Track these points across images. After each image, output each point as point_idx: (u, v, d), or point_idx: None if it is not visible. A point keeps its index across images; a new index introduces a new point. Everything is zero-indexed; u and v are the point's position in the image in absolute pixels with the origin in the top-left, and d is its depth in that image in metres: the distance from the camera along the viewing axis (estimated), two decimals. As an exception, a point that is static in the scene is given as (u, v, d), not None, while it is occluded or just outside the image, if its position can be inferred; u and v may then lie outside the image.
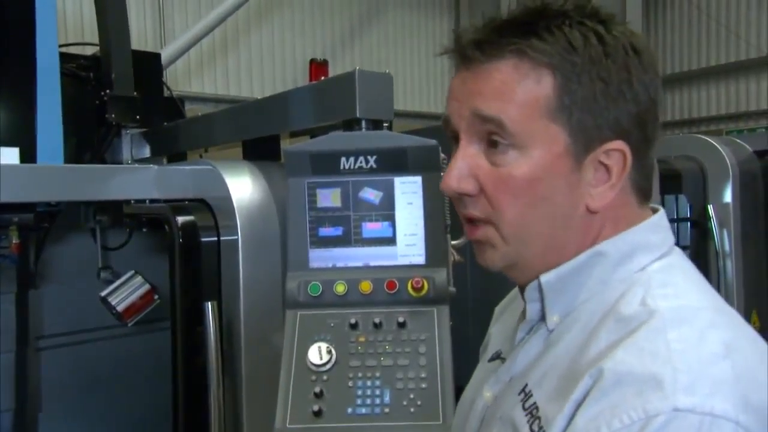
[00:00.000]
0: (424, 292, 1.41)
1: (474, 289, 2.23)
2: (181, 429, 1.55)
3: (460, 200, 0.76)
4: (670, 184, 2.71)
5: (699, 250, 2.90)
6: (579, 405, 0.64)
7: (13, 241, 1.77)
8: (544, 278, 0.75)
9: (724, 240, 2.78)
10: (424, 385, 1.33)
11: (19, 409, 2.10)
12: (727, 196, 2.78)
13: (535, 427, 0.68)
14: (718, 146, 2.85)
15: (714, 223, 2.77)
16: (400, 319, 1.38)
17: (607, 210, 0.73)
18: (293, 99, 1.60)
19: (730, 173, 2.78)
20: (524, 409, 0.71)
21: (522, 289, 0.81)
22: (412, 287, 1.41)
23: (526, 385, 0.73)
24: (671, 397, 0.59)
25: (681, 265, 0.76)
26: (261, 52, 4.25)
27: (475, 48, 0.72)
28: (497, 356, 0.87)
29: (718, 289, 2.26)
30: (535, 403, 0.70)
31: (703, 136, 3.02)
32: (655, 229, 0.76)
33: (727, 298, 0.75)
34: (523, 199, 0.72)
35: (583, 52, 0.69)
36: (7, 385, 2.06)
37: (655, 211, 0.79)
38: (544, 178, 0.71)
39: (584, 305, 0.73)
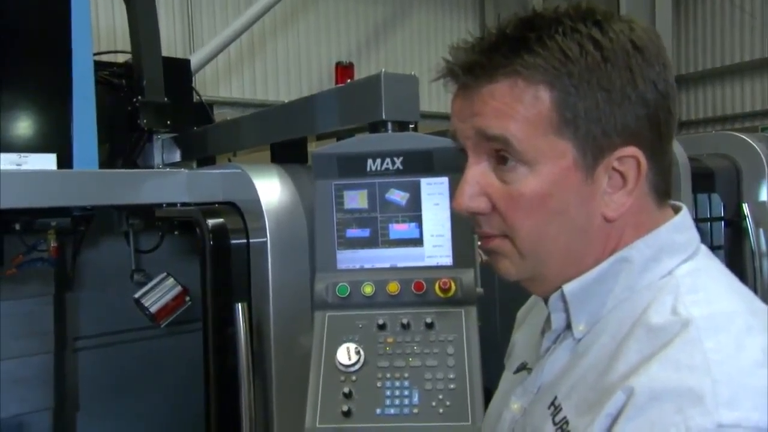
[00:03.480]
0: (451, 293, 1.41)
1: (501, 291, 2.22)
2: (214, 429, 1.56)
3: (474, 218, 0.75)
4: (702, 182, 2.65)
5: (733, 249, 2.84)
6: (613, 420, 0.62)
7: (52, 245, 1.82)
8: (567, 288, 0.73)
9: (760, 239, 2.71)
10: (452, 386, 1.33)
11: (58, 408, 2.15)
12: (763, 195, 2.72)
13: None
14: (753, 143, 2.78)
15: (749, 222, 2.71)
16: (428, 320, 1.39)
17: (625, 216, 0.71)
18: (319, 102, 1.61)
19: (766, 171, 2.71)
20: (554, 423, 0.69)
21: (545, 299, 0.79)
22: (440, 288, 1.41)
23: (556, 397, 0.71)
24: (714, 412, 0.57)
25: (709, 267, 0.74)
26: (287, 56, 4.29)
27: (466, 73, 0.70)
28: (523, 367, 0.85)
29: (754, 290, 2.20)
30: (565, 417, 0.69)
31: (737, 133, 2.96)
32: (680, 229, 0.74)
33: (765, 299, 0.72)
34: (536, 215, 0.70)
35: (579, 62, 0.67)
36: (46, 384, 2.10)
37: (677, 209, 0.76)
38: (555, 194, 0.69)
39: (611, 313, 0.72)
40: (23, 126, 1.69)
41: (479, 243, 0.81)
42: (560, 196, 0.69)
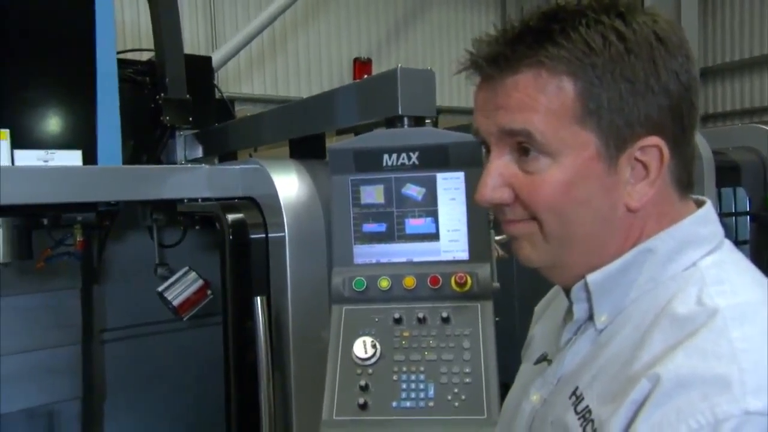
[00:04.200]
0: (467, 287, 1.41)
1: (521, 285, 2.21)
2: (234, 419, 1.58)
3: (499, 209, 0.75)
4: (727, 176, 2.60)
5: (760, 244, 2.78)
6: (638, 407, 0.61)
7: (78, 239, 1.87)
8: (591, 278, 0.72)
9: (787, 234, 2.66)
10: (468, 380, 1.33)
11: (86, 397, 2.20)
12: (790, 188, 2.66)
13: (589, 430, 0.66)
14: (779, 136, 2.72)
15: (775, 217, 2.65)
16: (444, 314, 1.39)
17: (647, 207, 0.70)
18: (336, 98, 1.62)
19: (793, 164, 2.65)
20: (576, 412, 0.69)
21: (566, 289, 0.78)
22: (456, 283, 1.41)
23: (577, 387, 0.71)
24: (741, 399, 0.56)
25: (733, 259, 0.73)
26: (308, 52, 4.31)
27: (490, 64, 0.70)
28: (543, 358, 0.85)
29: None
30: (587, 406, 0.68)
31: (763, 126, 2.89)
32: (704, 222, 0.73)
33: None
34: (559, 204, 0.70)
35: (602, 53, 0.66)
36: (74, 375, 2.16)
37: (700, 203, 0.75)
38: (579, 183, 0.69)
39: (635, 305, 0.71)
40: (49, 123, 1.73)
41: (503, 227, 0.80)
42: (583, 185, 0.69)
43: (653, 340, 0.65)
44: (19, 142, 1.64)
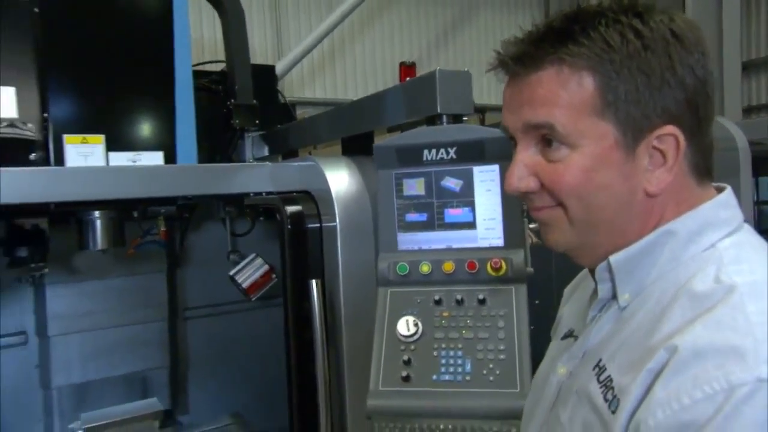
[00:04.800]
0: (502, 271, 1.39)
1: (558, 270, 2.15)
2: (295, 388, 1.61)
3: (526, 197, 0.75)
4: (764, 165, 2.45)
5: (798, 232, 2.60)
6: (656, 375, 0.60)
7: (161, 229, 1.95)
8: (614, 258, 0.71)
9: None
10: (502, 357, 1.31)
11: (173, 366, 2.28)
12: (827, 177, 2.47)
13: (609, 396, 0.65)
14: (818, 127, 2.53)
15: (813, 205, 2.47)
16: (480, 296, 1.38)
17: (666, 192, 0.69)
18: (381, 99, 1.62)
19: (831, 154, 2.45)
20: (599, 382, 0.68)
21: (591, 271, 0.77)
22: (492, 267, 1.39)
23: (600, 360, 0.70)
24: (755, 368, 0.55)
25: (752, 241, 0.70)
26: (364, 58, 4.32)
27: (516, 62, 0.71)
28: (570, 334, 0.84)
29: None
30: (609, 375, 0.68)
31: (802, 117, 2.69)
32: (724, 206, 0.71)
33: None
34: (581, 190, 0.69)
35: (620, 49, 0.66)
36: (162, 347, 2.24)
37: (720, 190, 0.73)
38: (599, 169, 0.68)
39: (656, 283, 0.69)
40: (137, 129, 1.80)
41: (532, 214, 0.79)
42: (603, 172, 0.68)
43: (673, 315, 0.63)
44: (111, 145, 1.72)
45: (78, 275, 2.04)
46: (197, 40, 3.36)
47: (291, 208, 1.60)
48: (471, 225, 1.43)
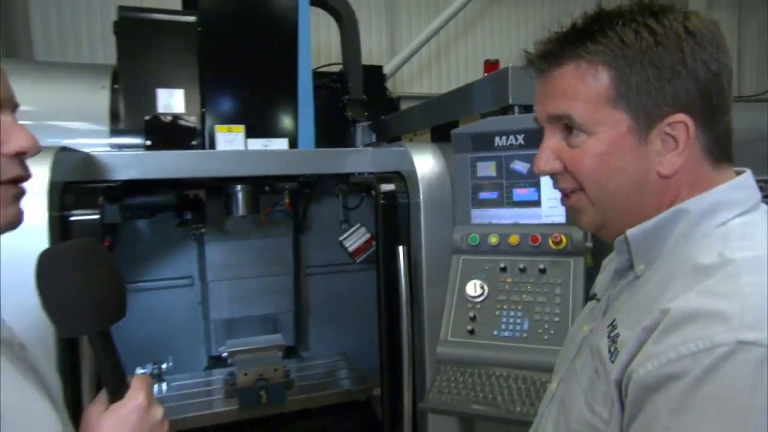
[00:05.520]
0: (562, 245, 1.38)
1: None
2: (384, 338, 1.69)
3: (554, 178, 0.76)
4: None
5: None
6: (650, 332, 0.61)
7: (286, 201, 2.12)
8: (630, 232, 0.71)
9: None
10: (557, 319, 1.32)
11: (297, 311, 2.45)
12: None
13: (612, 349, 0.67)
14: None
15: None
16: (541, 266, 1.39)
17: (679, 174, 0.67)
18: (461, 93, 1.64)
19: None
20: (608, 337, 0.69)
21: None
22: (552, 241, 1.39)
23: (614, 320, 0.71)
24: (737, 330, 0.54)
25: (764, 221, 0.66)
26: (466, 56, 4.25)
27: (541, 60, 0.72)
28: (593, 297, 0.85)
29: None
30: (617, 332, 0.69)
31: None
32: (739, 187, 0.68)
33: None
34: (598, 171, 0.70)
35: (634, 45, 0.65)
36: (289, 296, 2.41)
37: (740, 174, 0.70)
38: (614, 153, 0.68)
39: (668, 256, 0.68)
40: (268, 120, 1.97)
41: (564, 203, 0.81)
42: (617, 156, 0.68)
43: (677, 284, 0.63)
44: (249, 133, 1.89)
45: (227, 235, 2.24)
46: (324, 46, 3.55)
47: (384, 186, 1.68)
48: (536, 203, 1.44)
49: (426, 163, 1.63)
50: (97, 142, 1.92)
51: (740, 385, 0.52)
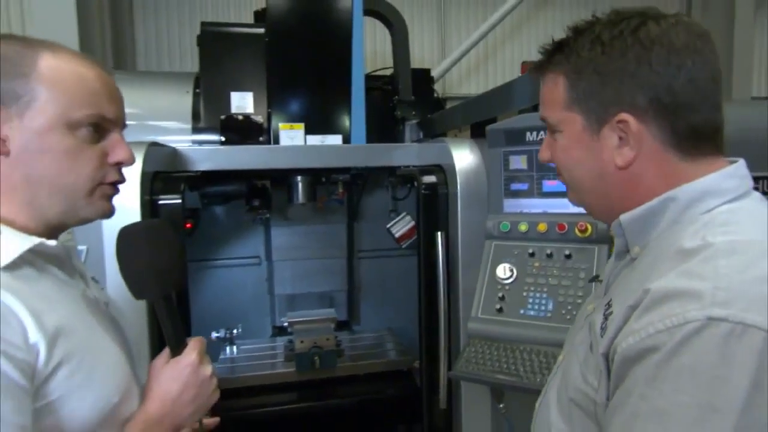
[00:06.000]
0: (588, 233, 1.37)
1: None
2: (424, 315, 1.72)
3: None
4: None
5: None
6: (633, 310, 0.62)
7: (340, 191, 2.16)
8: (623, 217, 0.73)
9: None
10: (579, 301, 1.32)
11: (350, 289, 2.50)
12: None
13: (604, 325, 0.69)
14: None
15: None
16: (567, 252, 1.38)
17: (637, 165, 0.69)
18: (496, 93, 1.65)
19: None
20: (603, 315, 0.71)
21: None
22: (578, 229, 1.39)
23: (611, 299, 0.72)
24: (708, 308, 0.55)
25: (750, 208, 0.65)
26: (513, 59, 4.17)
27: (536, 70, 0.78)
28: (596, 278, 0.88)
29: None
30: (611, 311, 0.70)
31: None
32: (728, 177, 0.67)
33: None
34: (566, 163, 0.76)
35: (584, 56, 0.70)
36: (343, 275, 2.46)
37: (733, 163, 0.69)
38: (574, 148, 0.73)
39: (658, 240, 0.69)
40: (324, 119, 2.01)
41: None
42: (577, 149, 0.74)
43: (662, 267, 0.64)
44: (308, 130, 1.95)
45: (289, 220, 2.33)
46: (379, 51, 3.61)
47: (426, 178, 1.70)
48: (564, 194, 1.42)
49: (464, 157, 1.65)
50: (181, 139, 2.08)
51: (709, 357, 0.53)
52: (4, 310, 0.63)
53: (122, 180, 0.82)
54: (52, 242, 0.75)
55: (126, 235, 0.81)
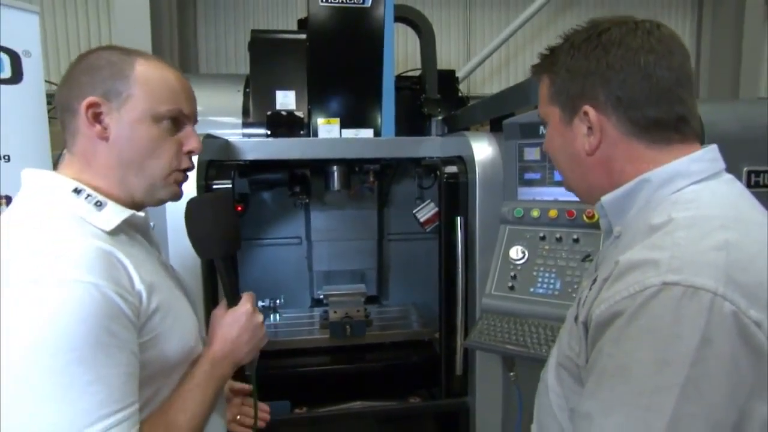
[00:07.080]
0: (595, 219, 1.34)
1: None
2: (443, 290, 1.72)
3: None
4: None
5: None
6: (605, 281, 0.64)
7: (371, 180, 2.20)
8: (604, 199, 0.74)
9: None
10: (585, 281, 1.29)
11: (380, 267, 2.50)
12: None
13: (583, 297, 0.70)
14: None
15: None
16: (575, 236, 1.36)
17: (603, 152, 0.71)
18: (513, 90, 1.62)
19: None
20: (589, 289, 0.72)
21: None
22: (586, 216, 1.36)
23: (598, 275, 0.73)
24: (663, 274, 0.56)
25: (715, 188, 0.66)
26: (533, 62, 4.05)
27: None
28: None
29: None
30: (596, 282, 0.70)
31: None
32: (697, 161, 0.68)
33: None
34: (551, 150, 0.79)
35: (562, 58, 0.73)
36: (373, 256, 2.48)
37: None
38: (555, 137, 0.77)
39: (634, 219, 0.70)
40: (358, 114, 2.03)
41: None
42: (557, 137, 0.77)
43: (634, 242, 0.65)
44: (343, 124, 1.98)
45: (326, 205, 2.36)
46: (410, 53, 3.58)
47: (447, 168, 1.70)
48: (574, 183, 1.40)
49: (482, 149, 1.64)
50: (233, 132, 2.15)
51: (664, 317, 0.54)
52: (118, 263, 0.70)
53: (192, 167, 0.89)
54: (141, 213, 0.82)
55: (196, 204, 0.89)
